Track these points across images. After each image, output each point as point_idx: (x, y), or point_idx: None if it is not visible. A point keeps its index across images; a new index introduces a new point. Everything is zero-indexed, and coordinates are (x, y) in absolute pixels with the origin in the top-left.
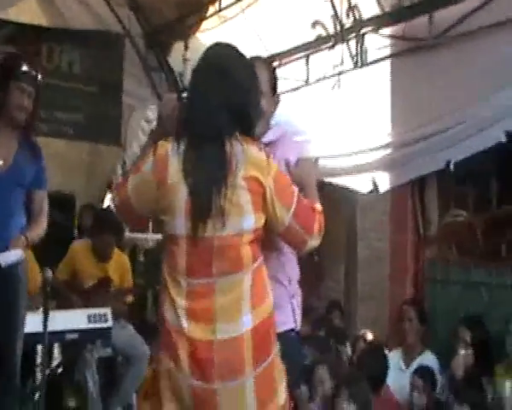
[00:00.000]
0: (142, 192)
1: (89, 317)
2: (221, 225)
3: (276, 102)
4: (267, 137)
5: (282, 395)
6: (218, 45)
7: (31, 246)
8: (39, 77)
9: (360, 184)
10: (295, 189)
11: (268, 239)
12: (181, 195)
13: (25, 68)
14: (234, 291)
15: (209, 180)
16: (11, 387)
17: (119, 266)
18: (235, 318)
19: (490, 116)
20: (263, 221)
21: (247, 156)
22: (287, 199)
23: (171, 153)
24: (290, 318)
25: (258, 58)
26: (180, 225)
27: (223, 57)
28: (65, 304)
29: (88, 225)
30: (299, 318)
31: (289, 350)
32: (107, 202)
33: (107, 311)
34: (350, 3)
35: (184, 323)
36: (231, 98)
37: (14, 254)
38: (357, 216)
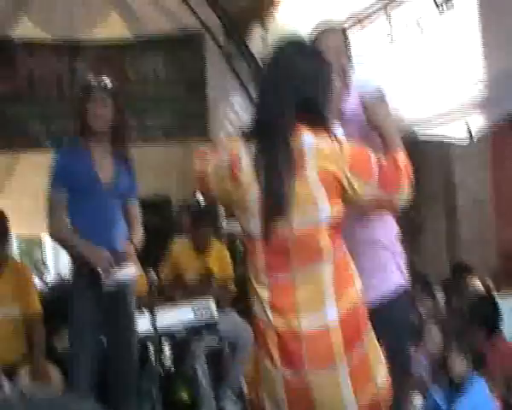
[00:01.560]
0: (219, 178)
1: (194, 310)
2: (296, 220)
3: (350, 70)
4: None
5: (381, 373)
6: (281, 43)
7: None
8: (110, 85)
9: (453, 131)
10: (372, 156)
11: (360, 207)
12: (253, 194)
13: (94, 80)
14: (315, 283)
15: (279, 178)
16: (132, 388)
17: (218, 256)
18: (318, 309)
19: None
20: (341, 208)
21: (318, 150)
22: (367, 173)
23: (243, 151)
24: (397, 277)
25: (330, 30)
26: (254, 224)
27: (286, 54)
28: (170, 301)
29: (186, 222)
30: (405, 275)
31: (399, 312)
32: (201, 198)
33: (211, 302)
34: None
35: (270, 316)
36: (298, 94)
37: (130, 271)
38: (455, 165)
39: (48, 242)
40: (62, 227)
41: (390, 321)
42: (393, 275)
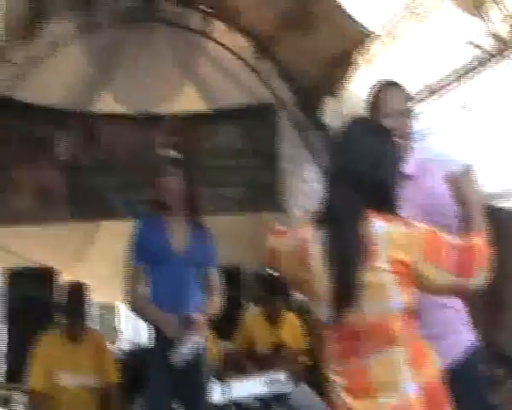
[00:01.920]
0: (289, 260)
1: (266, 382)
2: (366, 308)
3: (410, 124)
4: (409, 169)
5: None
6: (349, 126)
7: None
8: (181, 159)
9: None
10: (446, 241)
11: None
12: (322, 281)
13: (165, 154)
14: (389, 366)
15: (348, 267)
16: None
17: (290, 328)
18: (396, 389)
19: None
20: (414, 294)
21: (390, 238)
22: (440, 261)
23: (313, 237)
24: (465, 334)
25: (391, 87)
26: (323, 312)
27: (351, 135)
28: (242, 371)
29: (257, 293)
30: (472, 331)
31: (474, 370)
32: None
33: (284, 375)
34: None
35: (347, 400)
36: (367, 179)
37: (200, 339)
38: None
39: (123, 309)
40: (139, 297)
41: (467, 380)
42: (462, 334)
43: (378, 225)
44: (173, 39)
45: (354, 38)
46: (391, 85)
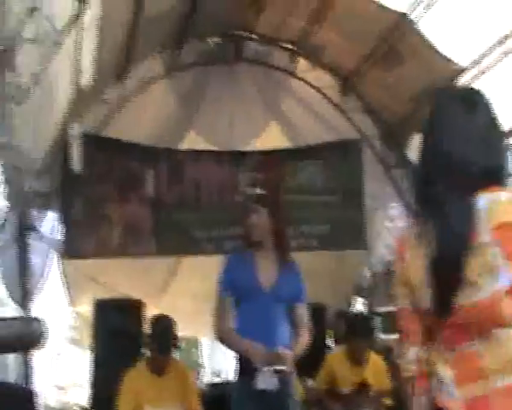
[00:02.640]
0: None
1: None
2: (472, 291)
3: None
4: None
5: None
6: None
7: None
8: (265, 196)
9: None
10: None
11: None
12: (421, 262)
13: (250, 192)
14: (502, 348)
15: (454, 243)
16: None
17: (375, 369)
18: (502, 368)
19: None
20: None
21: (495, 204)
22: None
23: (406, 239)
24: None
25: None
26: (424, 296)
27: (450, 113)
28: None
29: (341, 331)
30: None
31: None
32: (357, 306)
33: None
34: None
35: (455, 392)
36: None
37: (283, 372)
38: None
39: (205, 344)
40: (227, 329)
41: None
42: None
43: (482, 199)
44: (258, 77)
45: (442, 74)
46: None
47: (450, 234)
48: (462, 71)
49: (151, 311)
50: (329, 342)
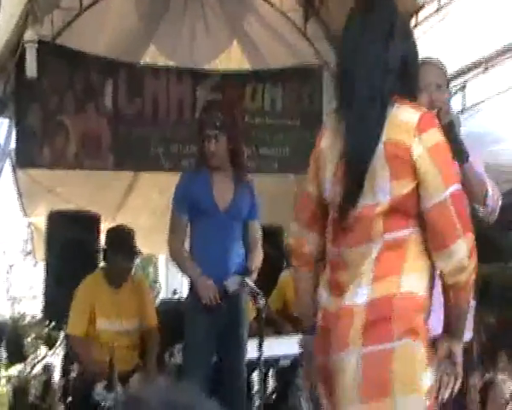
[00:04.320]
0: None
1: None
2: (363, 198)
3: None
4: None
5: (404, 402)
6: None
7: None
8: (222, 122)
9: None
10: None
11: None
12: (331, 158)
13: (207, 118)
14: (358, 263)
15: (359, 149)
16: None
17: None
18: (354, 289)
19: None
20: (406, 190)
21: (393, 119)
22: (446, 172)
23: (327, 124)
24: None
25: (426, 60)
26: (328, 190)
27: (371, 12)
28: (278, 331)
29: None
30: None
31: None
32: None
33: None
34: None
35: (324, 294)
36: (388, 54)
37: (236, 280)
38: None
39: (162, 261)
40: (180, 248)
41: None
42: None
43: (390, 109)
44: None
45: (406, 6)
46: (426, 62)
47: (357, 140)
48: (423, 5)
49: (108, 226)
50: (285, 264)
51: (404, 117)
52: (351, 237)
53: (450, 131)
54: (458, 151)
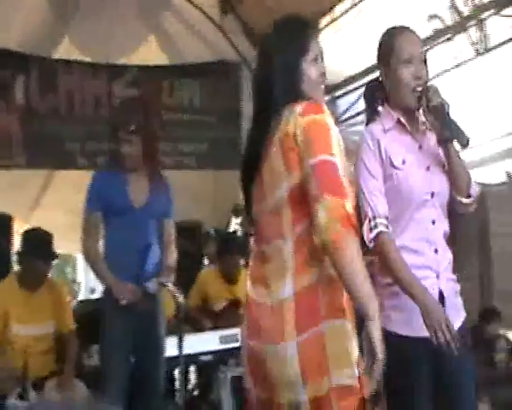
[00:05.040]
0: None
1: (220, 338)
2: (265, 193)
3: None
4: None
5: (340, 377)
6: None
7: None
8: (135, 127)
9: (491, 176)
10: (332, 150)
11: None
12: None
13: (120, 123)
14: (278, 258)
15: (252, 150)
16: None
17: (246, 285)
18: (279, 284)
19: None
20: (299, 177)
21: (283, 117)
22: (315, 144)
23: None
24: None
25: (405, 28)
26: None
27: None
28: (197, 328)
29: (212, 250)
30: None
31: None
32: (233, 226)
33: (238, 331)
34: None
35: (249, 285)
36: (268, 75)
37: (156, 281)
38: (490, 211)
39: (80, 260)
40: (93, 251)
41: None
42: None
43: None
44: None
45: (318, 4)
46: (406, 30)
47: (251, 143)
48: (334, 4)
49: (22, 226)
50: (204, 259)
51: (294, 111)
52: (266, 233)
53: (442, 112)
54: (458, 133)
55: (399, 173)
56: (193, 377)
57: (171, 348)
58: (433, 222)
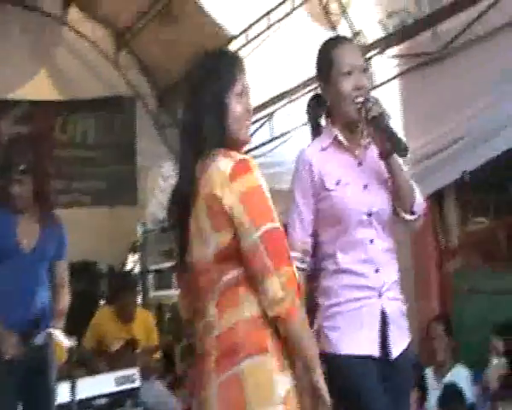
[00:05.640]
0: None
1: (116, 380)
2: (193, 251)
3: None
4: None
5: (262, 406)
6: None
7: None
8: (25, 167)
9: None
10: (273, 215)
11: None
12: None
13: (9, 162)
14: (209, 311)
15: (179, 206)
16: None
17: (143, 324)
18: (211, 333)
19: (500, 122)
20: (227, 239)
21: (210, 173)
22: (257, 214)
23: None
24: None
25: (344, 38)
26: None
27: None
28: (92, 370)
29: (109, 288)
30: None
31: None
32: (130, 264)
33: (135, 371)
34: (353, 30)
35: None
36: (194, 117)
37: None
38: None
39: None
40: None
41: None
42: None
43: (210, 163)
44: (25, 21)
45: (214, 39)
46: (344, 40)
47: (176, 192)
48: (232, 38)
49: None
50: (99, 299)
51: (220, 167)
52: (198, 284)
53: (382, 122)
54: (397, 142)
55: (333, 194)
56: None
57: (63, 394)
58: (371, 241)
